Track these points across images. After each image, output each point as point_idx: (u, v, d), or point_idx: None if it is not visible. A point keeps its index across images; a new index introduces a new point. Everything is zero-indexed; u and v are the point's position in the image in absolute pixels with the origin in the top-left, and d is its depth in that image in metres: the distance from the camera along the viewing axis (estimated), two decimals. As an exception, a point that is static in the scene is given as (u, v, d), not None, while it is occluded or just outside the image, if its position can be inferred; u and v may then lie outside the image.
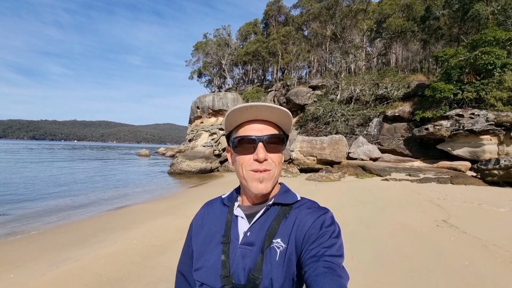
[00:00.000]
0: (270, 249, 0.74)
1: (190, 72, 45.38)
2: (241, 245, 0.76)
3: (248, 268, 0.73)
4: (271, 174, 0.77)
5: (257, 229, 0.77)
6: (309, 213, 0.76)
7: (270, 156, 0.77)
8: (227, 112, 0.76)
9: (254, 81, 40.54)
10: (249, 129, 0.77)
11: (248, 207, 0.82)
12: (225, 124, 0.81)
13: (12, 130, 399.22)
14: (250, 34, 41.03)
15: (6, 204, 8.87)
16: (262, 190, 0.76)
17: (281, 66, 32.88)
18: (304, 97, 23.96)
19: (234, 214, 0.82)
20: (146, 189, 12.22)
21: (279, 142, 0.79)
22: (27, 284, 3.25)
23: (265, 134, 0.76)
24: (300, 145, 17.08)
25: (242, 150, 0.78)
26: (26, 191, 11.04)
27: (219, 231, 0.81)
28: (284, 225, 0.76)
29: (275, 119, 0.78)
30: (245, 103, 0.74)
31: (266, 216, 0.79)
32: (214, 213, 0.87)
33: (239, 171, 0.80)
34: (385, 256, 3.70)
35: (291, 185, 5.14)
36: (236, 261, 0.75)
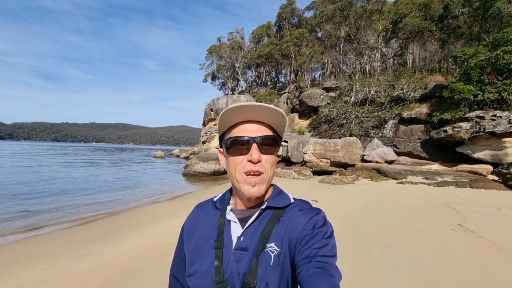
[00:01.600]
0: (264, 253, 0.73)
1: (204, 75, 46.25)
2: (234, 250, 0.75)
3: (242, 273, 0.72)
4: (264, 178, 0.75)
5: (250, 234, 0.76)
6: (302, 215, 0.76)
7: (263, 157, 0.75)
8: (221, 112, 0.75)
9: (267, 83, 40.73)
10: (242, 130, 0.76)
11: (241, 211, 0.81)
12: (219, 124, 0.80)
13: (35, 132, 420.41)
14: (263, 36, 41.33)
15: (33, 200, 9.47)
16: (255, 193, 0.75)
17: (294, 68, 32.89)
18: (317, 99, 23.84)
19: (226, 219, 0.81)
20: (162, 190, 12.61)
21: (273, 143, 0.78)
22: (57, 275, 3.53)
23: (259, 135, 0.75)
24: (313, 147, 17.03)
25: (235, 151, 0.77)
26: (50, 190, 11.71)
27: (212, 235, 0.79)
28: (277, 229, 0.76)
29: (269, 120, 0.78)
30: (239, 103, 0.73)
31: (259, 220, 0.78)
32: (206, 216, 0.85)
33: (231, 173, 0.78)
34: (396, 258, 3.72)
35: (304, 188, 5.42)
36: (230, 266, 0.74)
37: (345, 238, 4.57)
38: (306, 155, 17.18)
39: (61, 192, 11.33)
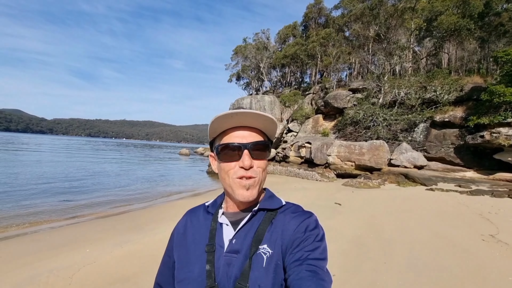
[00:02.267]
0: (257, 255, 0.72)
1: (229, 75, 47.00)
2: (226, 253, 0.74)
3: (234, 277, 0.71)
4: (257, 181, 0.75)
5: (242, 236, 0.76)
6: (294, 218, 0.77)
7: (255, 162, 0.75)
8: (212, 119, 0.75)
9: (291, 83, 40.52)
10: (233, 136, 0.76)
11: (233, 213, 0.81)
12: (209, 130, 0.79)
13: (72, 128, 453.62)
14: (289, 37, 41.17)
15: (72, 191, 10.39)
16: (249, 197, 0.75)
17: (320, 68, 32.44)
18: (343, 100, 23.36)
19: (218, 222, 0.80)
20: (188, 186, 13.19)
21: (264, 148, 0.78)
22: (100, 258, 3.97)
23: (250, 141, 0.75)
24: (338, 150, 16.78)
25: (227, 158, 0.76)
26: (88, 182, 12.73)
27: (203, 239, 0.78)
28: (269, 231, 0.76)
29: (260, 125, 0.77)
30: (230, 110, 0.72)
31: (251, 222, 0.77)
32: (198, 221, 0.84)
33: (224, 179, 0.78)
34: (421, 265, 3.69)
35: (326, 190, 5.59)
36: (222, 270, 0.73)
37: (367, 242, 4.58)
38: (330, 157, 16.97)
39: (97, 185, 12.29)
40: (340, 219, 6.11)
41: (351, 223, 5.73)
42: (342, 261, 3.75)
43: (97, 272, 3.52)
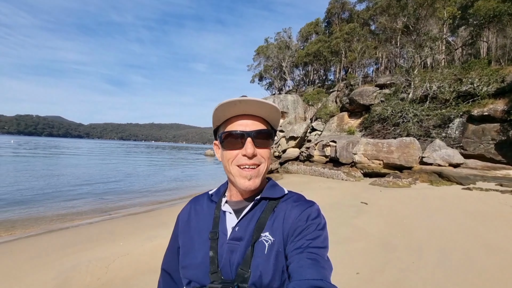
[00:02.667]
0: (259, 242, 0.74)
1: (252, 76, 47.34)
2: (229, 240, 0.76)
3: (236, 263, 0.73)
4: (260, 170, 0.76)
5: (245, 224, 0.77)
6: (296, 206, 0.78)
7: (258, 151, 0.76)
8: (215, 106, 0.74)
9: (315, 82, 39.86)
10: (237, 124, 0.76)
11: (236, 202, 0.82)
12: (213, 118, 0.79)
13: (106, 132, 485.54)
14: (311, 34, 40.55)
15: (107, 190, 11.13)
16: (250, 186, 0.75)
17: (344, 65, 31.56)
18: (369, 97, 22.52)
19: (222, 210, 0.81)
20: (214, 185, 13.53)
21: (268, 137, 0.78)
22: (133, 251, 4.24)
23: (254, 129, 0.75)
24: (364, 148, 16.21)
25: (230, 145, 0.77)
26: (121, 183, 13.56)
27: (207, 227, 0.80)
28: (271, 219, 0.77)
29: (264, 114, 0.77)
30: (233, 98, 0.72)
31: (254, 210, 0.78)
32: (201, 209, 0.85)
33: (226, 167, 0.79)
34: (452, 264, 3.48)
35: (352, 189, 5.50)
36: (225, 256, 0.74)
37: (394, 241, 4.40)
38: (356, 156, 16.45)
39: (129, 185, 13.06)
40: (365, 218, 5.92)
41: (378, 222, 5.53)
42: (366, 259, 3.66)
43: (130, 263, 3.78)
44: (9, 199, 8.84)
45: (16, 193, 9.71)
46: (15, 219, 6.82)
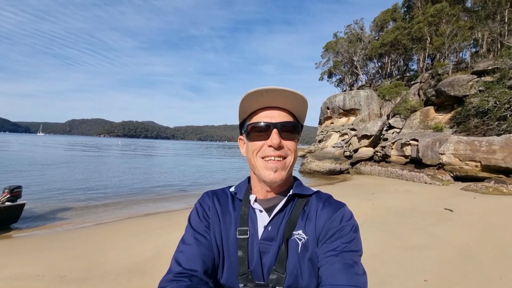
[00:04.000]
0: (291, 241, 0.71)
1: (320, 74, 45.93)
2: (261, 240, 0.72)
3: (269, 264, 0.70)
4: (287, 163, 0.73)
5: (277, 223, 0.73)
6: (328, 206, 0.75)
7: (284, 143, 0.73)
8: (242, 97, 0.72)
9: (392, 74, 35.98)
10: (263, 116, 0.74)
11: (266, 200, 0.78)
12: (240, 110, 0.77)
13: (187, 133, 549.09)
14: (387, 22, 36.75)
15: (189, 183, 12.77)
16: (276, 179, 0.72)
17: (429, 52, 27.51)
18: (463, 87, 19.05)
19: (251, 207, 0.77)
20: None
21: (293, 129, 0.75)
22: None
23: (280, 121, 0.73)
24: (455, 147, 13.88)
25: (256, 137, 0.74)
26: (203, 176, 15.32)
27: (232, 225, 0.75)
28: (303, 217, 0.74)
29: (290, 106, 0.75)
30: (259, 87, 0.69)
31: (286, 208, 0.76)
32: (227, 205, 0.80)
33: (251, 159, 0.76)
34: None
35: (437, 194, 5.19)
36: (256, 257, 0.70)
37: (480, 254, 3.81)
38: (444, 156, 14.23)
39: (209, 178, 14.67)
40: (447, 227, 5.22)
41: (462, 232, 4.81)
42: (438, 268, 3.33)
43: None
44: (117, 187, 11.22)
45: (125, 184, 12.24)
46: (123, 203, 8.67)
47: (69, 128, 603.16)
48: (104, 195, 9.70)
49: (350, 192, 10.32)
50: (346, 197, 8.98)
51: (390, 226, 5.44)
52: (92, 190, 10.59)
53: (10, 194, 5.87)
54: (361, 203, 7.87)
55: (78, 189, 10.66)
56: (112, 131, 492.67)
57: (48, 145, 50.54)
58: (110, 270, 3.60)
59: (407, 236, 4.68)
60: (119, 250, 4.35)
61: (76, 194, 9.64)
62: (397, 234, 4.88)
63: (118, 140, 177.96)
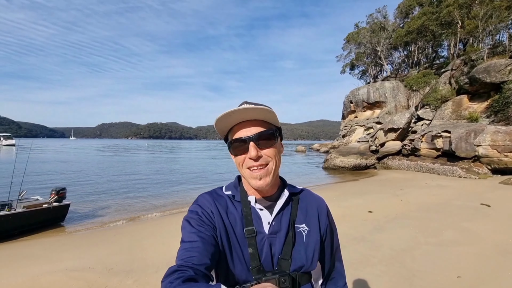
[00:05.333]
0: (297, 233, 0.82)
1: (342, 66, 44.72)
2: (269, 234, 0.80)
3: (277, 254, 0.79)
4: (269, 169, 0.79)
5: (279, 218, 0.83)
6: (314, 200, 0.91)
7: (263, 152, 0.78)
8: (215, 120, 0.79)
9: (420, 62, 34.07)
10: (240, 132, 0.80)
11: (263, 199, 0.85)
12: (217, 131, 0.84)
13: (209, 133, 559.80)
14: (413, 8, 34.80)
15: (212, 182, 13.17)
16: (262, 185, 0.79)
17: (460, 37, 25.73)
18: (500, 72, 17.66)
19: (253, 208, 0.84)
20: (305, 180, 13.89)
21: (270, 137, 0.80)
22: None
23: (254, 133, 0.78)
24: (492, 138, 12.98)
25: (237, 151, 0.81)
26: (224, 176, 15.69)
27: (238, 225, 0.81)
28: (300, 211, 0.87)
29: (260, 117, 0.80)
30: (226, 110, 0.75)
31: (284, 205, 0.85)
32: (227, 207, 0.85)
33: (239, 170, 0.84)
34: None
35: (472, 189, 5.17)
36: (265, 251, 0.78)
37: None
38: (480, 148, 13.37)
39: (231, 178, 15.02)
40: (483, 222, 4.98)
41: (499, 228, 4.58)
42: (473, 264, 3.24)
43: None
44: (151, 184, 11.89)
45: (156, 183, 12.93)
46: (157, 200, 9.20)
47: (99, 132, 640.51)
48: (138, 194, 10.35)
49: (376, 188, 10.08)
50: (372, 193, 8.80)
51: (421, 222, 5.31)
52: (128, 189, 11.33)
53: (57, 195, 6.52)
54: (389, 199, 7.69)
55: (115, 189, 11.46)
56: (138, 133, 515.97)
57: (83, 149, 54.16)
58: (151, 264, 3.92)
59: (440, 232, 4.56)
60: (157, 246, 4.70)
61: (114, 194, 10.39)
62: (429, 230, 4.76)
63: (145, 142, 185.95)
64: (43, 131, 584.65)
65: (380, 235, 4.65)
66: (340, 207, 6.68)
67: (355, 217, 5.83)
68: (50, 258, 4.37)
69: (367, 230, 4.94)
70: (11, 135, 64.68)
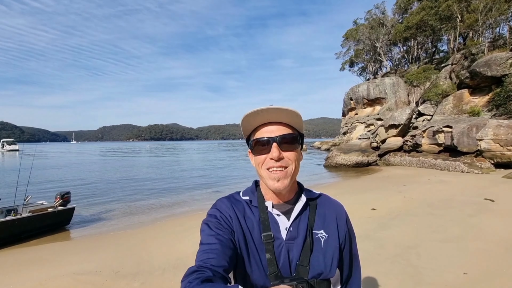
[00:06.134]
0: (315, 240, 0.81)
1: (341, 64, 44.64)
2: (287, 240, 0.80)
3: (295, 261, 0.78)
4: (288, 172, 0.79)
5: (297, 224, 0.82)
6: (332, 205, 0.90)
7: (285, 154, 0.79)
8: (241, 118, 0.80)
9: (420, 58, 33.96)
10: (263, 131, 0.82)
11: (280, 205, 0.85)
12: (242, 129, 0.85)
13: (210, 133, 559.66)
14: (411, 3, 34.67)
15: (219, 183, 13.16)
16: (279, 187, 0.78)
17: (460, 31, 25.62)
18: (501, 65, 17.57)
19: (270, 213, 0.83)
20: (307, 179, 13.90)
21: (292, 141, 0.82)
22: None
23: (278, 135, 0.80)
24: (494, 132, 12.94)
25: (259, 151, 0.82)
26: (233, 176, 15.71)
27: (255, 230, 0.81)
28: (318, 217, 0.85)
29: (287, 120, 0.81)
30: (255, 108, 0.77)
31: (301, 210, 0.84)
32: (245, 212, 0.86)
33: (258, 170, 0.84)
34: None
35: (475, 183, 5.14)
36: (283, 256, 0.78)
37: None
38: (482, 142, 13.34)
39: (238, 178, 15.01)
40: (487, 217, 4.98)
41: (504, 223, 4.58)
42: (479, 260, 3.24)
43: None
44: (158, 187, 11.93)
45: (160, 185, 12.97)
46: (160, 203, 9.23)
47: (101, 135, 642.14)
48: (142, 197, 10.39)
49: (378, 185, 10.07)
50: (375, 190, 8.80)
51: (425, 218, 5.31)
52: (132, 192, 11.38)
53: (61, 199, 6.57)
54: (392, 196, 7.69)
55: (118, 191, 11.51)
56: (139, 135, 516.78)
57: (85, 153, 54.29)
58: (157, 266, 3.95)
59: (444, 229, 4.56)
60: (162, 248, 4.72)
61: (117, 197, 10.43)
62: (433, 226, 4.76)
63: (146, 144, 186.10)
64: (46, 135, 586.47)
65: (384, 232, 4.66)
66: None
67: (358, 214, 5.84)
68: (57, 262, 4.40)
69: (371, 227, 4.95)
70: (14, 141, 65.01)
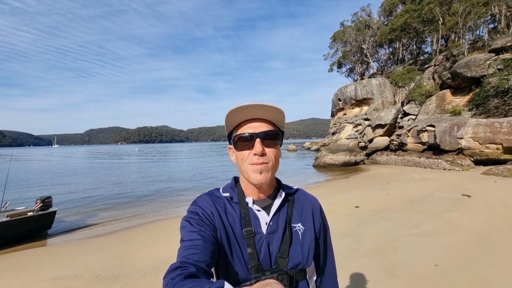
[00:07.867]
0: (293, 232, 0.85)
1: (330, 65, 45.20)
2: (267, 235, 0.83)
3: (275, 253, 0.82)
4: (269, 166, 0.81)
5: (276, 218, 0.85)
6: (308, 199, 0.94)
7: (267, 150, 0.81)
8: (226, 112, 0.81)
9: (405, 59, 34.85)
10: (246, 127, 0.83)
11: (260, 200, 0.87)
12: (225, 124, 0.86)
13: (201, 135, 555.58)
14: (396, 6, 35.57)
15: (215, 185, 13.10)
16: (262, 180, 0.80)
17: (442, 33, 26.47)
18: (480, 66, 18.26)
19: (251, 208, 0.85)
20: (296, 179, 14.02)
21: (274, 137, 0.84)
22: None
23: (261, 131, 0.82)
24: (474, 130, 13.43)
25: (242, 147, 0.83)
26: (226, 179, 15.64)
27: (236, 226, 0.83)
28: (296, 211, 0.89)
29: (270, 117, 0.84)
30: (240, 104, 0.78)
31: (280, 205, 0.88)
32: (226, 208, 0.87)
33: (240, 166, 0.85)
34: None
35: (455, 180, 5.36)
36: (263, 250, 0.81)
37: (494, 237, 3.81)
38: (462, 141, 13.82)
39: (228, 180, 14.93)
40: (463, 212, 5.18)
41: (478, 217, 4.78)
42: (450, 253, 3.38)
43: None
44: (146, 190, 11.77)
45: (145, 189, 12.80)
46: (145, 206, 9.12)
47: (87, 138, 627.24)
48: (126, 200, 10.23)
49: (364, 183, 10.28)
50: (360, 189, 8.98)
51: (405, 214, 5.48)
52: (115, 195, 11.18)
53: (42, 203, 6.40)
54: (375, 194, 7.87)
55: (102, 195, 11.29)
56: (128, 137, 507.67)
57: (68, 157, 52.92)
58: (139, 268, 3.92)
59: (422, 224, 4.72)
60: (145, 250, 4.68)
61: (101, 201, 10.22)
62: (412, 222, 4.92)
63: (135, 146, 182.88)
64: (29, 139, 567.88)
65: (365, 229, 4.78)
66: (327, 204, 6.80)
67: (341, 212, 5.95)
68: (36, 268, 4.30)
69: (353, 224, 5.06)
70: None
